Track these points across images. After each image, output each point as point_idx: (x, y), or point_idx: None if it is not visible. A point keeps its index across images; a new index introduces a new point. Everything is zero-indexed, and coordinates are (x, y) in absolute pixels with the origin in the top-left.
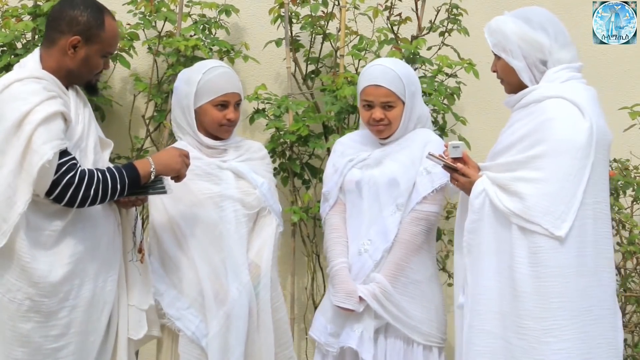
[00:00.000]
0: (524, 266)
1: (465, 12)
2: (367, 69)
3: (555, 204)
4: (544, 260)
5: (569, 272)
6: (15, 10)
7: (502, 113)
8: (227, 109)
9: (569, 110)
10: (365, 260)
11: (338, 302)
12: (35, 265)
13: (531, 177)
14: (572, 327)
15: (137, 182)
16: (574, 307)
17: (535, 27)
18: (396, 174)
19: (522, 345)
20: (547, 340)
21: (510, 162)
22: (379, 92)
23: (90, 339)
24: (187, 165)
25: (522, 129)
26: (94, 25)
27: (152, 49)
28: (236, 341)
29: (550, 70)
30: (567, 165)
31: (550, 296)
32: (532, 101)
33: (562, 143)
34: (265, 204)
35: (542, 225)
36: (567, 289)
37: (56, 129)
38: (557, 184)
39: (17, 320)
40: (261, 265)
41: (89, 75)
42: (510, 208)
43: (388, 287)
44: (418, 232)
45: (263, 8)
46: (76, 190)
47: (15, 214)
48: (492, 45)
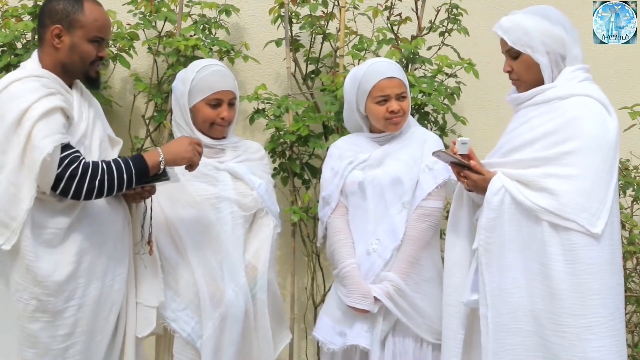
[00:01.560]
0: (560, 263)
1: (465, 12)
2: (369, 67)
3: (590, 201)
4: (581, 257)
5: (604, 269)
6: (15, 10)
7: (502, 112)
8: (221, 107)
9: (598, 108)
10: (375, 259)
11: (353, 303)
12: (39, 264)
13: (563, 173)
14: (609, 324)
15: (145, 172)
16: (610, 304)
17: (555, 22)
18: (400, 173)
19: (561, 343)
20: (587, 338)
21: (534, 158)
22: (393, 83)
23: (97, 338)
24: (199, 153)
25: (546, 126)
26: (71, 11)
27: (152, 49)
28: (229, 342)
29: (568, 68)
30: (599, 163)
31: (588, 293)
32: (554, 98)
33: (594, 140)
34: (263, 205)
35: (579, 222)
36: (603, 285)
37: (56, 123)
38: (591, 181)
39: (26, 321)
40: (258, 267)
41: (83, 65)
42: (541, 204)
43: (402, 285)
44: (426, 228)
45: (263, 8)
46: (80, 181)
47: (22, 211)
48: (513, 42)
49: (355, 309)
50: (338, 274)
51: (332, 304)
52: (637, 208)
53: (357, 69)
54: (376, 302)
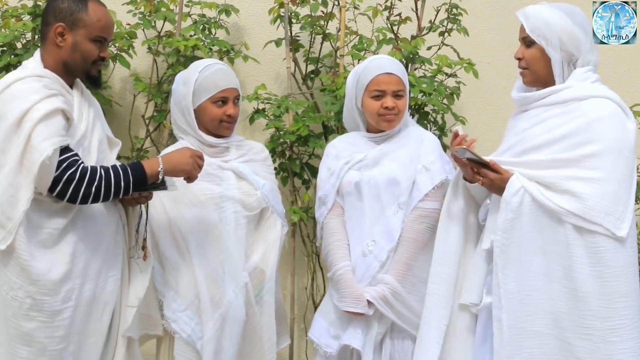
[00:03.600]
0: (585, 266)
1: (465, 12)
2: (371, 61)
3: (615, 204)
4: (607, 260)
5: (630, 271)
6: (15, 10)
7: (501, 112)
8: (227, 104)
9: (617, 111)
10: (371, 261)
11: (346, 307)
12: (33, 264)
13: (586, 176)
14: (633, 326)
15: (143, 181)
16: (635, 305)
17: (577, 22)
18: (396, 173)
19: (585, 346)
20: (612, 340)
21: (555, 160)
22: (391, 79)
23: (90, 340)
24: (199, 166)
25: (564, 127)
26: (75, 10)
27: (151, 49)
28: (230, 343)
29: (579, 69)
30: (622, 165)
31: (614, 296)
32: (570, 99)
33: (616, 142)
34: (268, 204)
35: (604, 226)
36: (629, 288)
37: (56, 125)
38: (615, 184)
39: (20, 319)
40: (266, 271)
41: (84, 64)
42: (566, 207)
43: (398, 288)
44: (423, 229)
45: (263, 8)
46: (77, 186)
47: (19, 211)
48: (530, 30)
49: (350, 312)
50: (332, 277)
51: (328, 307)
52: (637, 208)
53: (359, 65)
54: (370, 305)
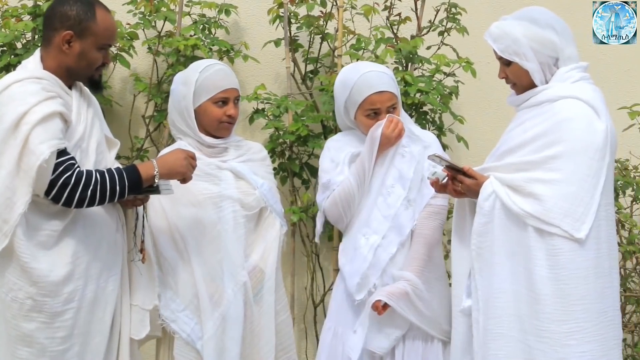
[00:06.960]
0: (543, 268)
1: (464, 11)
2: (360, 76)
3: (574, 206)
4: (564, 262)
5: (589, 273)
6: (15, 10)
7: (502, 112)
8: (227, 105)
9: (585, 111)
10: (380, 254)
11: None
12: (34, 265)
13: (548, 178)
14: (592, 329)
15: (139, 184)
16: (593, 308)
17: (543, 26)
18: (404, 169)
19: (543, 349)
20: (569, 343)
21: (523, 162)
22: (384, 97)
23: (94, 340)
24: (193, 167)
25: (535, 129)
26: (84, 18)
27: (152, 49)
28: (232, 343)
29: (562, 69)
30: (585, 167)
31: (571, 299)
32: (545, 100)
33: (580, 144)
34: (266, 204)
35: (562, 228)
36: (587, 291)
37: (54, 128)
38: (576, 186)
39: (21, 320)
40: (266, 270)
41: (89, 70)
42: (527, 210)
43: (420, 284)
44: (436, 226)
45: (262, 8)
46: (72, 191)
47: (15, 214)
48: (501, 51)
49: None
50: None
51: (347, 317)
52: (636, 208)
53: (347, 74)
54: (385, 308)
